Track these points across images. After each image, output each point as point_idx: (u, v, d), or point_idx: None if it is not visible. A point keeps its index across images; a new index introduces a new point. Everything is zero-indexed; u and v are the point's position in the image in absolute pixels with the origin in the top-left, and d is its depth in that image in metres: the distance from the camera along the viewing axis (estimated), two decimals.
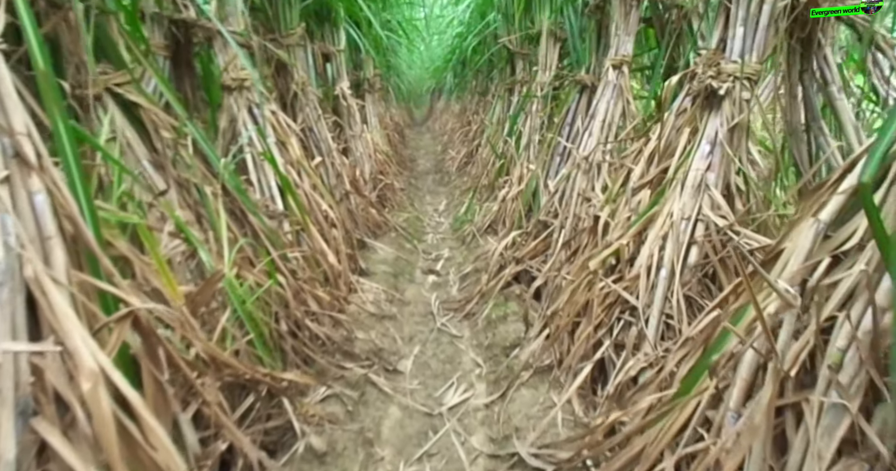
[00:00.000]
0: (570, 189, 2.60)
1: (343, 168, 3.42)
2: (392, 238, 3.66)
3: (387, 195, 4.23)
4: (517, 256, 2.68)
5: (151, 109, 1.71)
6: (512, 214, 3.36)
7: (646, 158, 1.90)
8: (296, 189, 2.47)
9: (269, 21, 3.20)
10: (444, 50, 7.60)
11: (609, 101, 2.56)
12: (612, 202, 2.03)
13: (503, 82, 4.66)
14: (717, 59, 1.74)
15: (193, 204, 1.76)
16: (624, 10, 2.53)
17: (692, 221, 1.66)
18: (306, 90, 3.32)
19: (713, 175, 1.67)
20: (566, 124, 2.93)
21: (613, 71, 2.55)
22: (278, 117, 2.52)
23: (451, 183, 5.35)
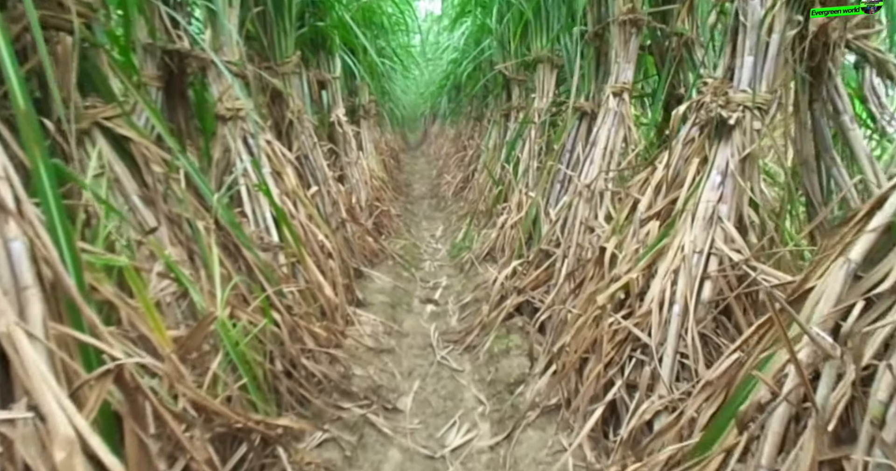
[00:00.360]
0: (573, 218, 2.54)
1: (339, 196, 3.36)
2: (389, 266, 3.58)
3: (383, 222, 4.16)
4: (518, 287, 2.61)
5: (142, 143, 1.64)
6: (511, 242, 3.29)
7: (653, 187, 1.85)
8: (291, 220, 2.40)
9: (265, 50, 3.17)
10: (438, 75, 7.63)
11: (610, 128, 2.52)
12: (619, 233, 1.96)
13: (499, 108, 4.65)
14: (724, 88, 1.70)
15: (185, 240, 1.68)
16: (623, 38, 2.51)
17: (705, 255, 1.59)
18: (302, 118, 3.28)
19: (725, 207, 1.61)
20: (566, 151, 2.89)
21: (614, 98, 2.52)
22: (273, 147, 2.46)
23: (447, 208, 5.30)
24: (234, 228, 1.84)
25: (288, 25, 3.15)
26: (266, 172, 2.40)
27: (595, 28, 2.67)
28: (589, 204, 2.49)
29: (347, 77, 4.61)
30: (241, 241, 1.85)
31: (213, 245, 1.60)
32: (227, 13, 2.30)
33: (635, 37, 2.49)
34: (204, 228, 1.70)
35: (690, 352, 1.50)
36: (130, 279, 1.18)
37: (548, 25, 3.51)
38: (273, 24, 3.10)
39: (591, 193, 2.49)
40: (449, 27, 5.56)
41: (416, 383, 2.35)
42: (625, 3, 2.47)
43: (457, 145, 6.70)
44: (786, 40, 1.58)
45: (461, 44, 5.40)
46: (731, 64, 1.73)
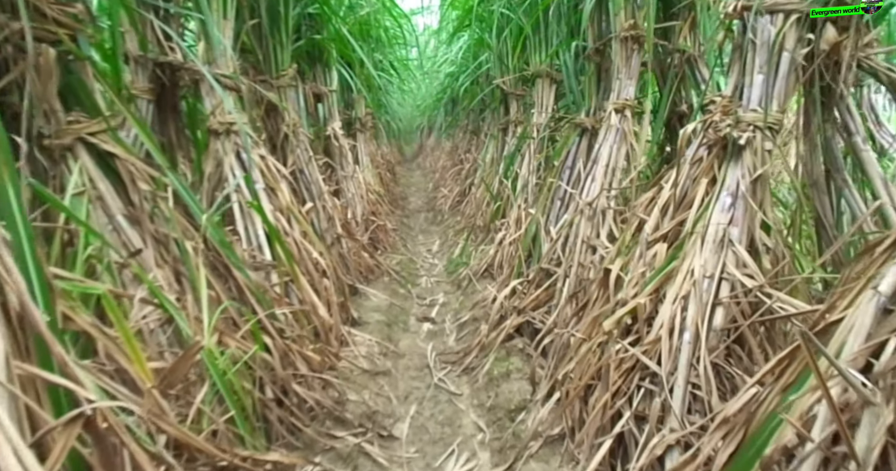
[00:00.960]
0: (574, 236, 2.47)
1: (334, 211, 3.28)
2: (385, 283, 3.49)
3: (379, 237, 4.08)
4: (518, 307, 2.52)
5: (128, 159, 1.56)
6: (510, 259, 3.22)
7: (659, 208, 1.78)
8: (285, 238, 2.31)
9: (260, 62, 3.11)
10: (435, 89, 7.60)
11: (612, 145, 2.46)
12: (624, 255, 1.89)
13: (496, 122, 4.59)
14: (733, 107, 1.64)
15: (172, 261, 1.59)
16: (625, 54, 2.45)
17: (716, 280, 1.52)
18: (297, 131, 3.20)
19: (736, 230, 1.54)
20: (566, 168, 2.82)
21: (616, 115, 2.46)
22: (267, 162, 2.38)
23: (443, 222, 5.22)
24: (225, 247, 1.75)
25: (284, 38, 3.09)
26: (259, 187, 2.32)
27: (596, 44, 2.62)
28: (591, 222, 2.42)
29: (344, 90, 4.56)
30: (232, 261, 1.76)
31: (200, 267, 1.51)
32: (220, 25, 2.23)
33: (637, 53, 2.44)
34: (192, 248, 1.62)
35: (703, 383, 1.42)
36: (108, 308, 1.09)
37: (546, 40, 3.46)
38: (269, 36, 3.04)
39: (593, 211, 2.42)
40: (447, 41, 5.53)
41: (413, 407, 2.25)
42: (626, 19, 2.42)
43: (453, 158, 6.64)
44: (797, 59, 1.52)
45: (459, 58, 5.36)
46: (739, 82, 1.67)
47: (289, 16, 3.05)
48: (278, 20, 3.02)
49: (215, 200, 2.20)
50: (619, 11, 2.41)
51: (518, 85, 4.10)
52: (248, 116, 2.74)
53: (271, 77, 3.11)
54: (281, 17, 3.02)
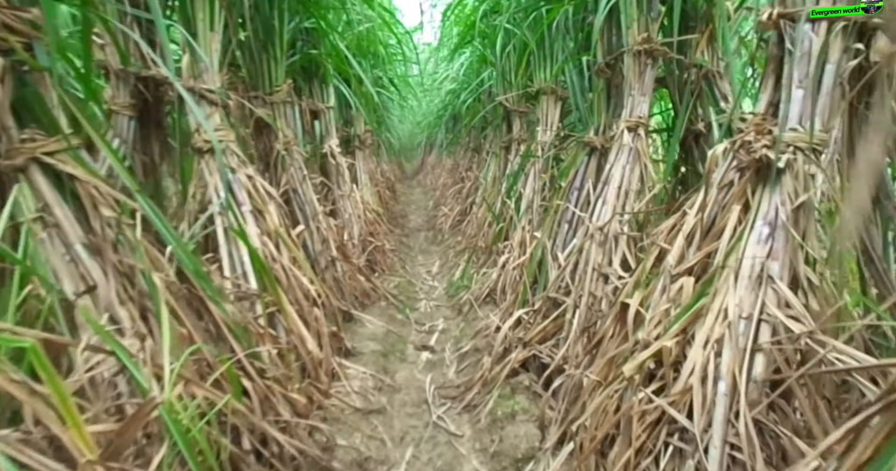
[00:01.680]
0: (584, 263, 2.27)
1: (329, 232, 3.08)
2: (382, 308, 3.28)
3: (377, 258, 3.88)
4: (524, 339, 2.32)
5: (91, 182, 1.37)
6: (514, 284, 3.02)
7: (684, 237, 1.58)
8: (272, 264, 2.12)
9: (254, 78, 2.95)
10: (436, 106, 7.46)
11: (624, 165, 2.27)
12: (643, 287, 1.69)
13: (499, 140, 4.43)
14: (767, 125, 1.46)
15: (138, 296, 1.39)
16: (638, 69, 2.28)
17: (754, 322, 1.32)
18: (291, 149, 3.03)
19: (776, 265, 1.35)
20: (574, 189, 2.64)
21: (628, 133, 2.28)
22: (255, 182, 2.19)
23: (444, 242, 5.03)
24: (200, 278, 1.55)
25: (278, 53, 2.93)
26: (246, 209, 2.13)
27: (606, 58, 2.45)
28: (602, 248, 2.23)
29: (342, 106, 4.40)
30: (208, 294, 1.56)
31: (164, 304, 1.31)
32: (206, 38, 2.06)
33: (651, 68, 2.27)
34: (162, 280, 1.42)
35: (744, 443, 1.21)
36: (37, 362, 0.89)
37: (552, 56, 3.30)
38: (262, 50, 2.88)
39: (605, 236, 2.23)
40: (448, 58, 5.40)
41: (409, 450, 2.03)
42: (639, 32, 2.25)
43: (454, 176, 6.47)
44: (843, 71, 1.34)
45: (460, 74, 5.22)
46: (774, 98, 1.49)
47: (283, 30, 2.90)
48: (272, 34, 2.86)
49: (197, 225, 2.01)
50: (631, 24, 2.25)
51: (521, 102, 3.94)
52: (237, 134, 2.56)
53: (264, 93, 2.94)
54: (275, 31, 2.87)
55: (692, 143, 2.47)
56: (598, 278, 2.20)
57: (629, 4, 2.23)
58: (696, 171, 2.45)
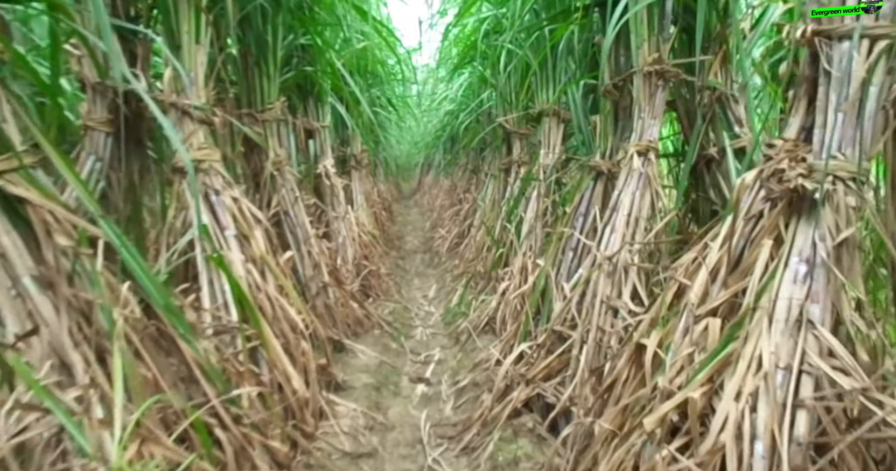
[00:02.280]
0: (591, 295, 2.11)
1: (321, 257, 2.92)
2: (375, 337, 3.10)
3: (371, 283, 3.71)
4: (527, 376, 2.14)
5: (45, 205, 1.20)
6: (515, 314, 2.85)
7: (708, 272, 1.43)
8: (257, 293, 1.94)
9: (246, 94, 2.81)
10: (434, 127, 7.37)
11: (634, 192, 2.13)
12: (660, 327, 1.53)
13: (498, 161, 4.30)
14: (800, 152, 1.32)
15: (95, 336, 1.22)
16: (648, 91, 2.15)
17: (794, 373, 1.15)
18: (283, 169, 2.88)
19: (817, 308, 1.19)
20: (579, 215, 2.49)
21: (638, 158, 2.14)
22: (241, 205, 2.03)
23: (441, 265, 4.86)
24: (171, 314, 1.38)
25: (272, 69, 2.79)
26: (230, 234, 1.97)
27: (614, 79, 2.32)
28: (611, 280, 2.07)
29: (339, 126, 4.28)
30: (180, 331, 1.39)
31: (117, 349, 1.14)
32: (192, 51, 1.92)
33: (661, 90, 2.14)
34: (124, 317, 1.25)
35: None
36: None
37: (554, 77, 3.19)
38: (255, 66, 2.75)
39: (614, 266, 2.07)
40: (447, 78, 5.31)
41: None
42: (650, 53, 2.13)
43: (451, 197, 6.34)
44: (889, 94, 1.20)
45: (459, 95, 5.12)
46: (806, 122, 1.35)
47: (277, 46, 2.77)
48: (265, 50, 2.73)
49: (174, 251, 1.84)
50: (641, 44, 2.12)
51: (522, 123, 3.82)
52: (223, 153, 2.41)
53: (256, 110, 2.80)
54: (268, 47, 2.74)
55: (703, 168, 2.33)
56: (606, 312, 2.04)
57: (639, 24, 2.11)
58: (709, 198, 2.31)
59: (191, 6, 1.91)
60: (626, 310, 1.98)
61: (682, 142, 2.54)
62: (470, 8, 3.55)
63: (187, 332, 1.39)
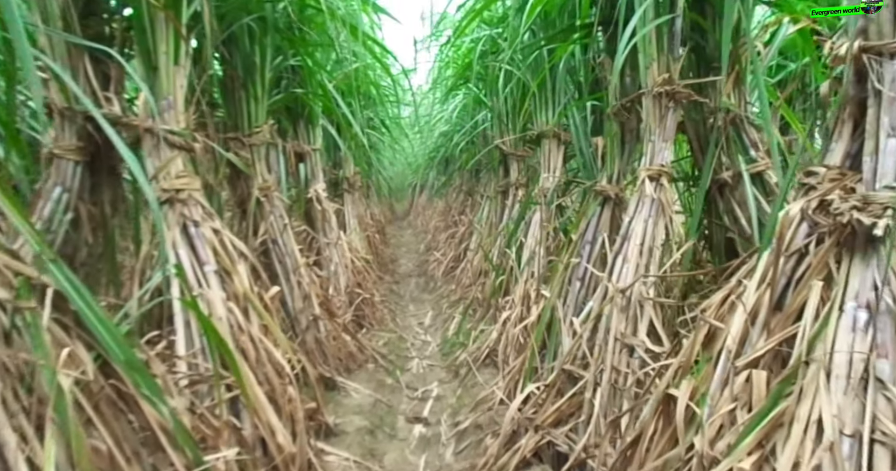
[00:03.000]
0: (604, 331, 1.92)
1: (312, 287, 2.72)
2: (369, 372, 2.88)
3: (365, 312, 3.50)
4: (536, 421, 1.94)
5: None
6: (517, 346, 2.65)
7: (745, 315, 1.25)
8: (240, 335, 1.74)
9: (232, 117, 2.64)
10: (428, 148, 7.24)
11: (647, 219, 1.96)
12: (693, 376, 1.34)
13: (494, 183, 4.14)
14: (847, 181, 1.15)
15: (36, 404, 1.01)
16: (658, 113, 2.00)
17: (865, 443, 0.97)
18: (271, 195, 2.69)
19: (887, 365, 1.01)
20: (585, 242, 2.32)
21: (650, 183, 1.98)
22: (223, 237, 1.84)
23: (436, 290, 4.66)
24: (133, 371, 1.18)
25: (259, 91, 2.63)
26: (210, 270, 1.77)
27: (621, 100, 2.17)
28: (625, 315, 1.89)
29: (331, 148, 4.11)
30: (143, 391, 1.18)
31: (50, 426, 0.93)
32: (170, 73, 1.75)
33: (673, 112, 1.99)
34: (75, 379, 1.04)
35: None
36: None
37: (554, 98, 3.05)
38: (242, 89, 2.58)
39: (627, 300, 1.89)
40: (441, 100, 5.18)
41: None
42: (659, 74, 1.99)
43: (446, 220, 6.17)
44: None
45: (454, 117, 4.99)
46: (851, 148, 1.20)
47: (266, 67, 2.61)
48: (253, 71, 2.57)
49: (147, 291, 1.64)
50: (650, 64, 1.98)
51: (520, 145, 3.67)
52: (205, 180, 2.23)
53: (243, 134, 2.63)
54: (256, 68, 2.58)
55: (716, 194, 2.17)
56: (621, 350, 1.85)
57: (647, 43, 1.97)
58: (723, 225, 2.15)
59: (169, 26, 1.74)
60: (644, 349, 1.80)
61: (692, 166, 2.39)
62: (465, 29, 3.42)
63: (152, 391, 1.19)
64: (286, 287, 2.67)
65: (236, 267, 1.83)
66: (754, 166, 1.99)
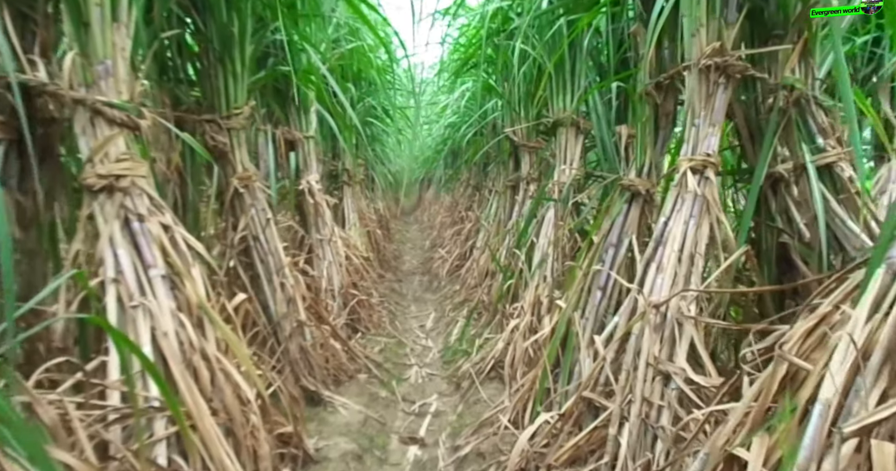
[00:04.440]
0: (633, 353, 1.56)
1: (297, 290, 2.37)
2: (361, 384, 2.54)
3: (360, 315, 3.15)
4: (549, 460, 1.58)
5: None
6: (527, 360, 2.30)
7: (846, 359, 0.89)
8: (192, 353, 1.40)
9: (209, 97, 2.28)
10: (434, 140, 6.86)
11: (688, 220, 1.59)
12: (765, 430, 0.98)
13: (503, 177, 3.76)
14: None
15: None
16: (705, 91, 1.62)
17: None
18: (252, 187, 2.34)
19: None
20: (609, 246, 1.95)
21: (693, 176, 1.60)
22: (174, 235, 1.49)
23: (440, 290, 4.31)
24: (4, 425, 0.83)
25: (239, 67, 2.27)
26: (156, 274, 1.42)
27: (660, 77, 1.79)
28: (659, 335, 1.52)
29: (330, 137, 3.76)
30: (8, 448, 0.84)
31: None
32: (106, 31, 1.39)
33: (724, 89, 1.61)
34: None
35: None
36: None
37: (573, 81, 2.67)
38: (218, 63, 2.23)
39: (663, 317, 1.52)
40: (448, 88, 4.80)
41: None
42: (709, 42, 1.61)
43: (452, 215, 5.80)
44: None
45: (461, 105, 4.61)
46: None
47: (245, 39, 2.25)
48: (231, 44, 2.21)
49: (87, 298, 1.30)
50: (697, 31, 1.60)
51: (532, 136, 3.29)
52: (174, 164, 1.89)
53: (221, 116, 2.27)
54: (235, 41, 2.22)
55: (768, 190, 1.79)
56: (654, 378, 1.49)
57: (695, 3, 1.58)
58: (775, 227, 1.77)
59: None
60: (683, 378, 1.43)
61: (739, 156, 2.00)
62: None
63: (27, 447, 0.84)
64: (268, 289, 2.32)
65: (190, 271, 1.48)
66: (822, 157, 1.60)
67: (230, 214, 2.36)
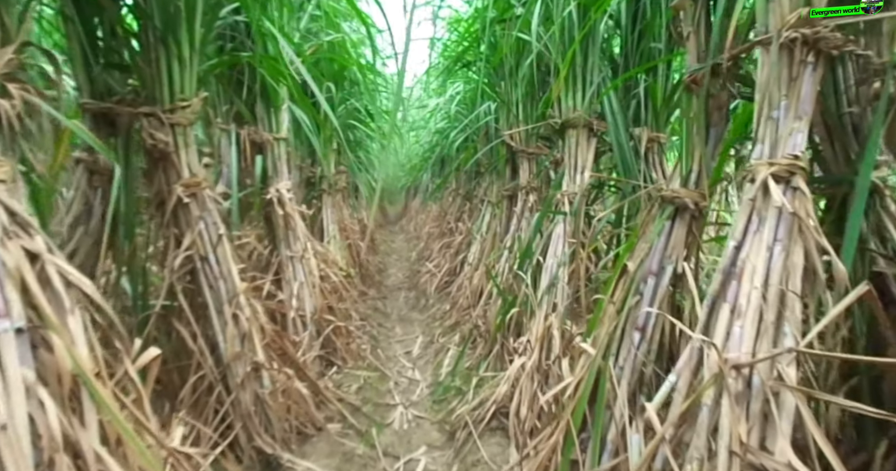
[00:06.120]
0: (707, 430, 1.07)
1: (252, 322, 1.85)
2: (332, 438, 2.01)
3: (336, 346, 2.63)
4: None
5: None
6: (534, 404, 1.81)
7: None
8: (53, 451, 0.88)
9: (148, 86, 1.77)
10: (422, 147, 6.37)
11: (771, 245, 1.12)
12: None
13: (498, 186, 3.29)
14: None
15: None
16: (788, 73, 1.16)
17: None
18: (201, 195, 1.83)
19: None
20: (648, 274, 1.47)
21: (776, 185, 1.13)
22: (43, 267, 0.97)
23: (428, 309, 3.80)
24: None
25: (186, 51, 1.77)
26: (6, 328, 0.91)
27: (724, 55, 1.32)
28: (744, 408, 1.04)
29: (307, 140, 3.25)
30: None
31: None
32: None
33: (812, 70, 1.15)
34: None
35: None
36: None
37: (585, 77, 2.21)
38: (161, 45, 1.72)
39: (747, 383, 1.04)
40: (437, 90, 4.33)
41: None
42: (792, 9, 1.15)
43: (440, 226, 5.31)
44: None
45: (452, 109, 4.14)
46: None
47: (194, 18, 1.76)
48: (176, 23, 1.71)
49: None
50: None
51: (532, 141, 2.83)
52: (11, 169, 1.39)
53: (162, 109, 1.76)
54: (181, 19, 1.72)
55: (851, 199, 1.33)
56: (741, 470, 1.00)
57: None
58: (867, 248, 1.31)
59: None
60: (778, 467, 0.95)
61: (811, 159, 1.54)
62: None
63: None
64: (218, 323, 1.81)
65: (66, 320, 0.96)
66: None
67: (173, 228, 1.84)
